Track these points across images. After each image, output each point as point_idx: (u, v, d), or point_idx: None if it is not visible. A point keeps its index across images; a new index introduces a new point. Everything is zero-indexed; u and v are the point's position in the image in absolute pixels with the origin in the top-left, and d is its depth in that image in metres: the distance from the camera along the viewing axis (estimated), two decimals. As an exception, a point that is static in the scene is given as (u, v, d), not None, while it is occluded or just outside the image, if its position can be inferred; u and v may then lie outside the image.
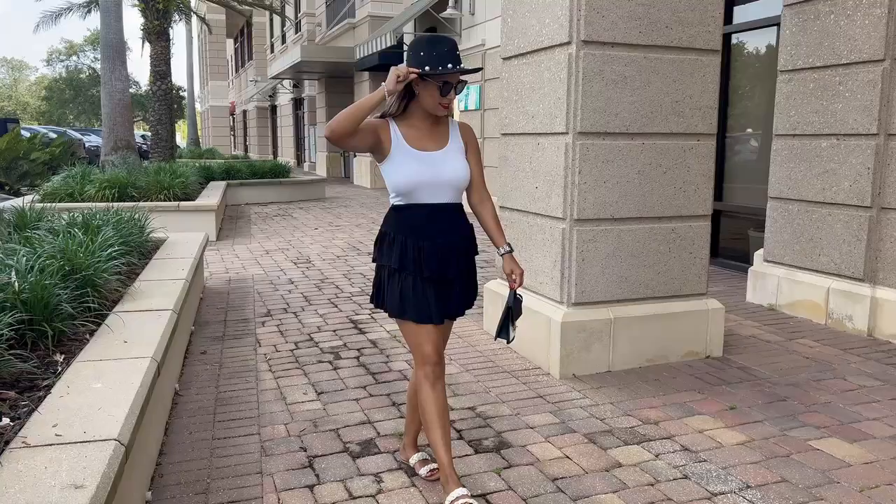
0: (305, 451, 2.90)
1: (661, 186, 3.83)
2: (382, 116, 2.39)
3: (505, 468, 2.72)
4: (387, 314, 2.47)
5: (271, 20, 30.21)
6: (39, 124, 42.69)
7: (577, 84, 3.60)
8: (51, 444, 1.87)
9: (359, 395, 3.53)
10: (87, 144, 21.28)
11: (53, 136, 18.27)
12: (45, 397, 2.21)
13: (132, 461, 2.07)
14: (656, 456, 2.82)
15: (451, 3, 11.32)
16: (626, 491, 2.55)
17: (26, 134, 16.66)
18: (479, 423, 3.15)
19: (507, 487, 2.57)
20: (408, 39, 13.78)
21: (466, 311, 2.55)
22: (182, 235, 5.68)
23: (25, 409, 2.12)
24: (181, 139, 38.51)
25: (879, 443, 2.93)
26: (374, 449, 2.92)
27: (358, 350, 4.26)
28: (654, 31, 3.67)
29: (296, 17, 25.01)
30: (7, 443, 1.88)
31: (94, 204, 6.21)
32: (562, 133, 3.69)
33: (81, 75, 54.69)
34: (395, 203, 2.42)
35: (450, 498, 2.31)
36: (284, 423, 3.19)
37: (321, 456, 2.86)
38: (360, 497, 2.53)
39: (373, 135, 2.32)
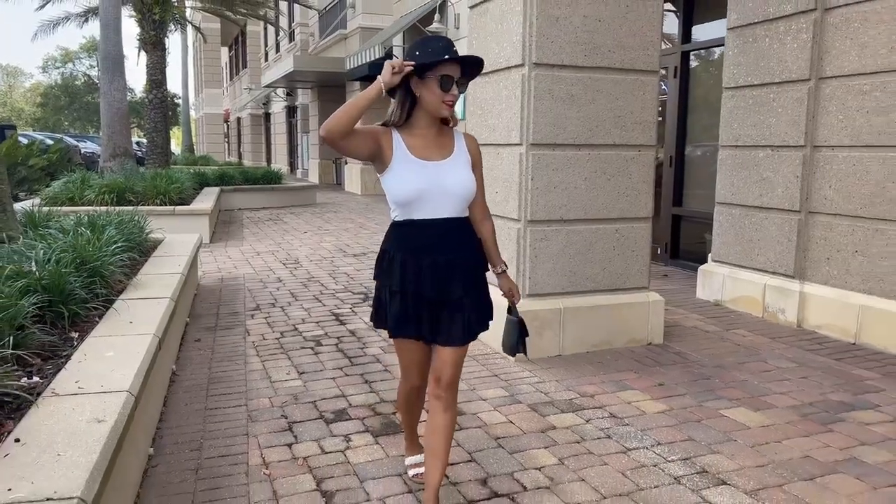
0: (286, 418, 3.36)
1: (605, 192, 4.31)
2: (385, 125, 2.30)
3: (456, 430, 3.18)
4: (388, 333, 2.41)
5: (266, 29, 30.72)
6: (34, 130, 43.01)
7: (529, 101, 4.08)
8: (75, 394, 2.32)
9: (336, 374, 3.99)
10: (82, 150, 21.68)
11: (50, 142, 18.66)
12: (65, 363, 2.66)
13: (138, 413, 2.53)
14: (587, 421, 3.29)
15: (436, 18, 11.83)
16: (555, 447, 3.02)
17: (24, 140, 17.06)
18: (439, 397, 3.61)
19: (456, 444, 3.03)
20: (396, 51, 14.30)
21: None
22: (178, 236, 6.13)
23: (51, 371, 2.58)
24: (175, 146, 38.95)
25: (779, 411, 3.41)
26: (346, 416, 3.38)
27: (338, 338, 4.72)
28: (597, 55, 4.17)
29: (289, 27, 25.54)
30: (39, 394, 2.34)
31: (96, 208, 6.64)
32: (517, 144, 4.17)
33: (77, 82, 55.09)
34: (396, 219, 2.30)
35: (410, 461, 2.77)
36: (269, 396, 3.65)
37: (299, 422, 3.31)
38: (331, 452, 2.99)
39: (373, 141, 2.23)
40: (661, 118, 7.45)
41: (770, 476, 2.75)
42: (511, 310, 2.53)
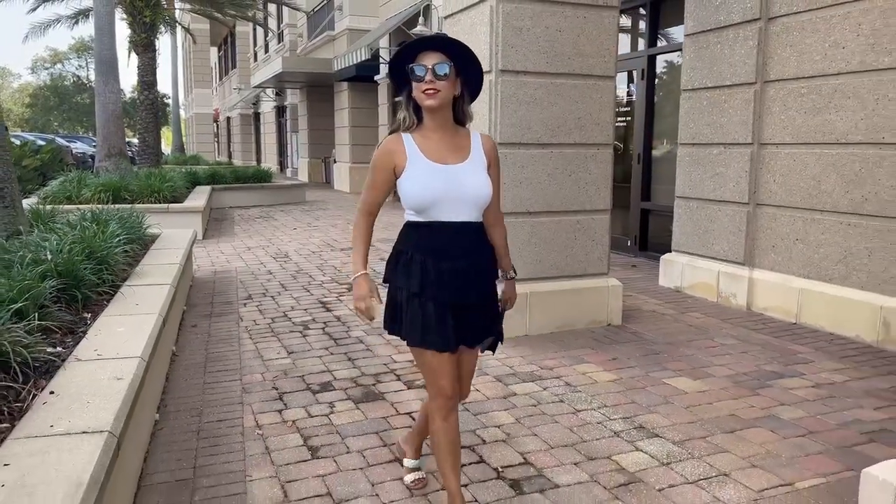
0: (277, 390, 3.76)
1: (567, 186, 4.73)
2: (395, 131, 2.29)
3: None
4: (405, 342, 2.31)
5: (254, 30, 30.99)
6: (23, 131, 43.02)
7: (496, 104, 4.50)
8: (95, 360, 2.72)
9: (322, 353, 4.39)
10: (73, 151, 21.93)
11: (42, 143, 18.91)
12: (83, 336, 3.05)
13: (146, 377, 2.92)
14: (544, 389, 3.71)
15: (420, 21, 12.23)
16: (514, 409, 3.44)
17: (16, 141, 17.29)
18: (414, 371, 4.02)
19: (427, 409, 3.44)
20: (383, 53, 14.68)
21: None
22: (174, 231, 6.51)
23: (71, 343, 2.97)
24: (165, 146, 39.12)
25: (716, 380, 3.85)
26: (331, 388, 3.78)
27: (324, 323, 5.12)
28: (558, 62, 4.58)
29: (278, 28, 25.85)
30: (64, 360, 2.73)
31: (94, 206, 6.99)
32: (486, 143, 4.57)
33: (65, 83, 55.11)
34: (412, 220, 2.25)
35: (411, 464, 2.64)
36: (261, 372, 4.04)
37: (289, 392, 3.72)
38: (316, 416, 3.39)
39: (390, 175, 2.24)
40: (630, 118, 7.89)
41: (697, 430, 3.18)
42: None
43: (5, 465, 1.82)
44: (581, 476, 2.76)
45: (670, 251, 6.50)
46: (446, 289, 2.19)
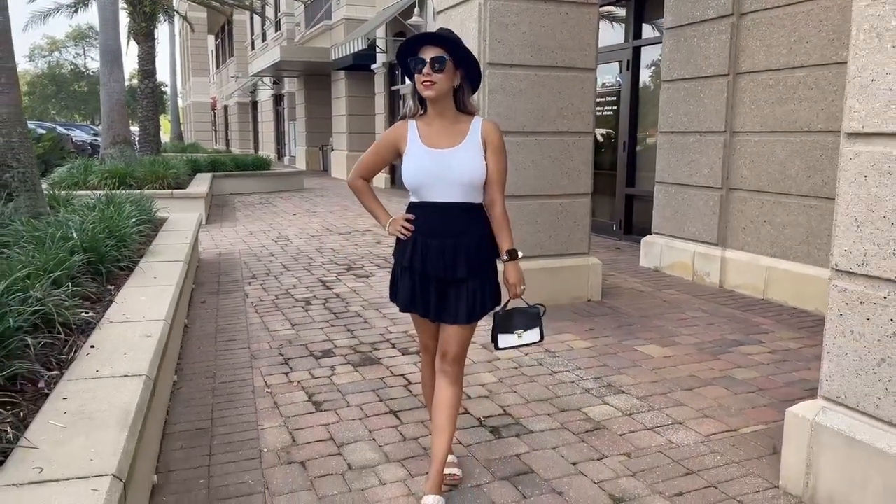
0: (283, 355, 4.13)
1: (550, 172, 5.09)
2: (403, 118, 2.46)
3: (418, 362, 3.96)
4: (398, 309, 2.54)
5: (252, 18, 31.14)
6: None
7: (484, 95, 4.84)
8: (125, 322, 3.08)
9: (323, 325, 4.76)
10: (73, 139, 22.19)
11: (42, 131, 19.18)
12: (111, 304, 3.42)
13: (169, 340, 3.29)
14: (524, 354, 4.09)
15: (416, 12, 12.52)
16: (497, 371, 3.82)
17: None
18: (408, 340, 4.40)
19: (418, 370, 3.82)
20: (380, 43, 14.97)
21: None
22: (181, 215, 6.86)
23: (101, 309, 3.33)
24: (164, 134, 39.30)
25: (682, 347, 4.23)
26: (332, 354, 4.15)
27: (325, 299, 5.49)
28: (542, 55, 4.93)
29: (275, 17, 26.05)
30: (98, 322, 3.09)
31: (106, 192, 7.32)
32: (474, 131, 4.93)
33: (63, 71, 55.13)
34: (411, 200, 2.46)
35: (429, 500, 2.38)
36: (267, 341, 4.41)
37: (294, 358, 4.09)
38: (320, 377, 3.77)
39: (391, 154, 2.47)
40: (616, 107, 8.24)
41: (659, 388, 3.56)
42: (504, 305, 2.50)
43: (64, 398, 2.19)
44: (553, 424, 3.15)
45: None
46: (432, 264, 2.37)
